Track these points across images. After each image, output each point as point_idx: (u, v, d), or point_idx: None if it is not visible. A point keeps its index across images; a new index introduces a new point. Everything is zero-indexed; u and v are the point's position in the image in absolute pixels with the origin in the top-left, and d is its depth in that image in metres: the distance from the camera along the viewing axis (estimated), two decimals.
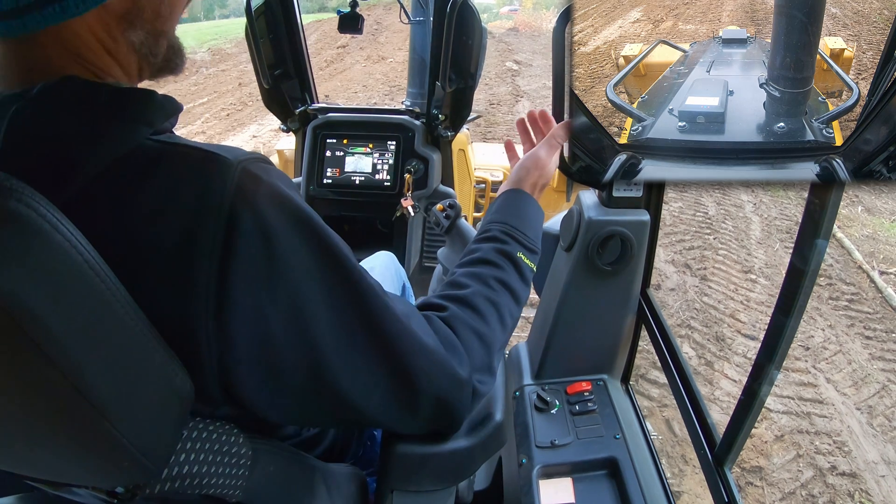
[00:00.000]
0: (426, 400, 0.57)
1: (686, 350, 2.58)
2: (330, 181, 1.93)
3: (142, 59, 0.53)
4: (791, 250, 0.68)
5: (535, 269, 0.70)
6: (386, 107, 2.32)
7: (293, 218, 0.49)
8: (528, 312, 2.74)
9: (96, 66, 0.50)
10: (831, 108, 0.65)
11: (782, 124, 0.65)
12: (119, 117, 0.47)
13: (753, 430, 2.10)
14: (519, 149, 0.86)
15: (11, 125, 0.44)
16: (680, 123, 0.68)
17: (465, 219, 1.36)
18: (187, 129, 6.20)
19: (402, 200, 1.86)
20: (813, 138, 0.64)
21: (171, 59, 0.57)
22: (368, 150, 1.92)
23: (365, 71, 8.71)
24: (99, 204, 0.44)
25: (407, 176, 1.87)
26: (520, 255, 0.69)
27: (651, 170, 0.69)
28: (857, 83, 0.64)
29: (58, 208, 0.39)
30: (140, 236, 0.44)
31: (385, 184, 1.92)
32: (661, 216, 1.10)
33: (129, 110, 0.48)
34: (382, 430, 0.71)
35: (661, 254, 3.38)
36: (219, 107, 7.22)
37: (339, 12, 1.89)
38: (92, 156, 0.45)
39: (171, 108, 0.52)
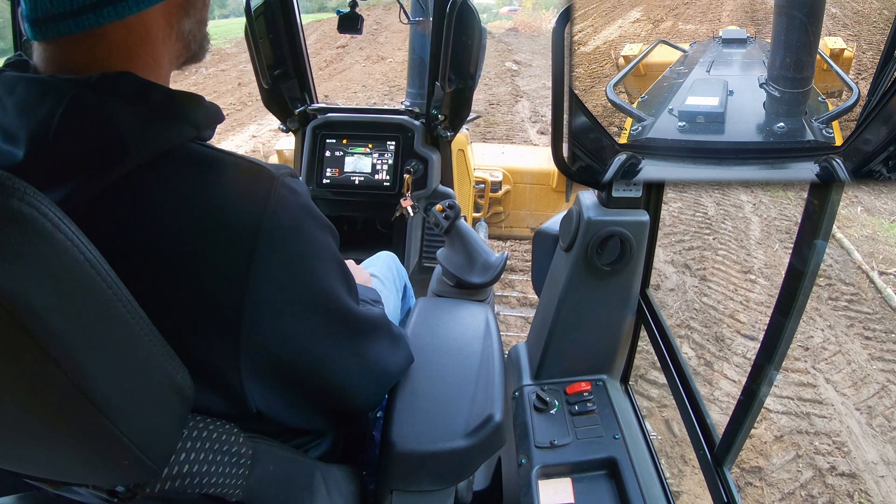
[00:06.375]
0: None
1: (685, 350, 2.58)
2: (329, 181, 1.93)
3: (184, 47, 0.58)
4: (790, 250, 0.68)
5: None
6: (385, 107, 2.31)
7: (320, 223, 0.58)
8: (528, 312, 2.74)
9: (148, 58, 0.53)
10: (831, 108, 0.65)
11: (782, 124, 0.64)
12: (169, 115, 0.51)
13: (753, 431, 2.11)
14: None
15: (69, 107, 0.47)
16: (680, 123, 0.68)
17: (465, 219, 1.36)
18: None
19: (401, 201, 1.86)
20: (813, 138, 0.64)
21: (202, 47, 0.62)
22: (368, 150, 1.92)
23: (364, 71, 8.71)
24: (145, 192, 0.48)
25: (406, 176, 1.87)
26: None
27: (651, 170, 0.69)
28: (857, 83, 0.64)
29: (104, 189, 0.46)
30: (182, 225, 0.48)
31: (384, 184, 1.91)
32: (661, 216, 1.10)
33: (178, 110, 0.52)
34: (382, 431, 0.71)
35: (660, 254, 3.38)
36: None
37: (338, 12, 1.89)
38: (141, 144, 0.48)
39: (215, 114, 0.57)
